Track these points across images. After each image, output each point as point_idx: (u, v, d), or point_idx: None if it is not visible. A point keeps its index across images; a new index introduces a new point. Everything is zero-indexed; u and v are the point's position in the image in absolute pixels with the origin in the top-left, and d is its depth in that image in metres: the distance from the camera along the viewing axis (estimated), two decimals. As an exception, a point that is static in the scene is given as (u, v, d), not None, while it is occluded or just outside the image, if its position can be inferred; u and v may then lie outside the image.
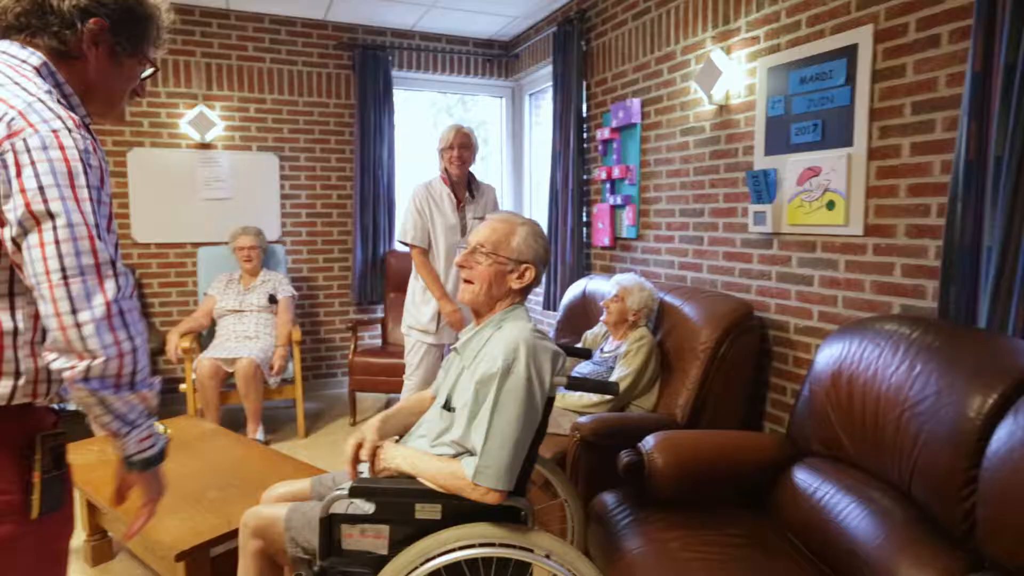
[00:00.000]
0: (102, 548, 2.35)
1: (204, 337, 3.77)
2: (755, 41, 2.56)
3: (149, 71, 1.13)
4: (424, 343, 2.98)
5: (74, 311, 0.86)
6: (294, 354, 3.64)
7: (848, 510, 1.57)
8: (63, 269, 0.85)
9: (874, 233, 2.12)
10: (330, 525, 1.39)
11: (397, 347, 4.12)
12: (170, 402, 4.11)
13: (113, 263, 0.91)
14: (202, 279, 3.94)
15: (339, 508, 1.41)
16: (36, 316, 0.94)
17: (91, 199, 0.89)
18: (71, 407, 1.24)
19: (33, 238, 0.85)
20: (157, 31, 1.10)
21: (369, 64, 4.28)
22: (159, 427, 1.16)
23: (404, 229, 2.99)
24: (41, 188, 0.85)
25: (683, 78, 2.99)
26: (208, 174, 4.14)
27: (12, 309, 0.93)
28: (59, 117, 0.89)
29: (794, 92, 2.36)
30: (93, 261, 0.88)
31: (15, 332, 0.93)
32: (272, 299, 3.71)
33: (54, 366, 0.89)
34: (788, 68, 2.38)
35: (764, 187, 2.47)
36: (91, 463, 2.25)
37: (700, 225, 2.93)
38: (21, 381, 0.94)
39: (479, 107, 6.47)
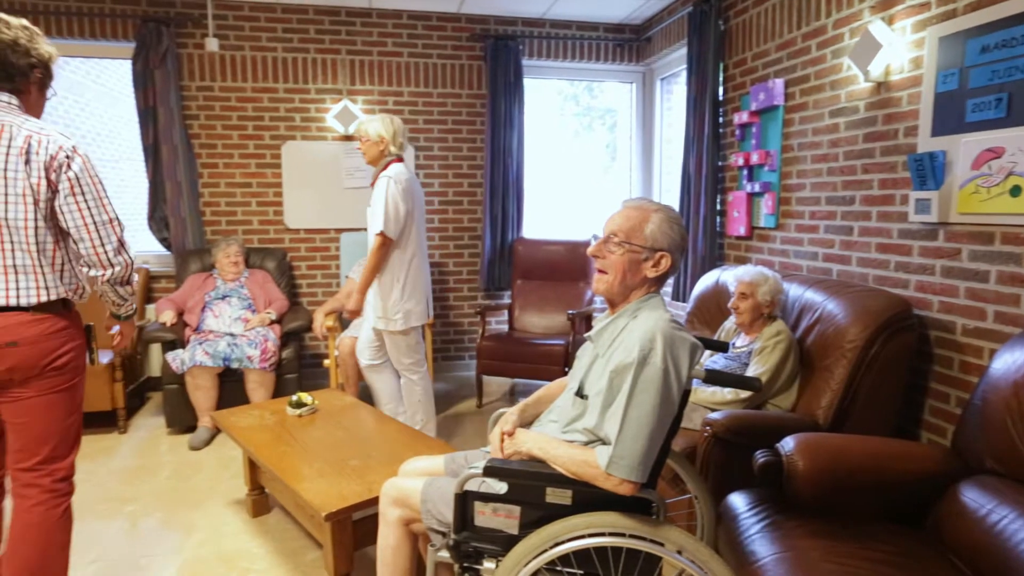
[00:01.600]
0: (260, 502, 2.61)
1: (345, 318, 4.05)
2: (924, 8, 2.30)
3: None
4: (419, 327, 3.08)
5: (102, 245, 1.69)
6: (426, 336, 3.82)
7: (1028, 536, 1.39)
8: (93, 221, 1.67)
9: (1070, 223, 1.84)
10: (464, 501, 1.45)
11: (524, 333, 4.19)
12: (315, 376, 4.48)
13: (117, 219, 1.72)
14: (344, 263, 4.23)
15: (472, 486, 1.46)
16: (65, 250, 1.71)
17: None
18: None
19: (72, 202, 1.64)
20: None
21: (500, 54, 4.35)
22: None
23: (393, 221, 2.84)
24: (78, 178, 1.64)
25: (834, 54, 2.76)
26: (351, 164, 4.42)
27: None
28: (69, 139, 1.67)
29: (972, 63, 2.10)
30: (106, 217, 1.69)
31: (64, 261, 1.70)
32: (406, 283, 3.91)
33: (91, 274, 1.72)
34: (966, 36, 2.12)
35: (929, 171, 2.23)
36: (252, 426, 2.50)
37: (850, 214, 2.70)
38: (72, 288, 1.73)
39: (605, 94, 6.38)
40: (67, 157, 1.61)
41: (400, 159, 2.99)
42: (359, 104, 4.38)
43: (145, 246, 4.36)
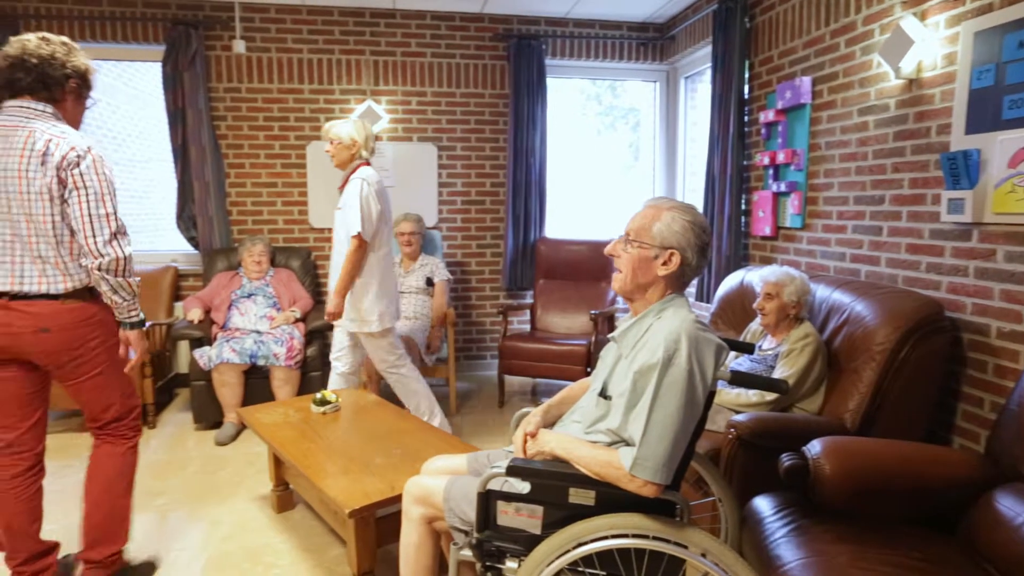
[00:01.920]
0: (285, 498, 2.65)
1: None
2: (959, 2, 2.24)
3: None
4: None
5: (94, 236, 1.78)
6: (448, 335, 3.83)
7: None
8: (89, 214, 1.78)
9: (1111, 224, 1.79)
10: (487, 500, 1.45)
11: (546, 332, 4.19)
12: (338, 373, 4.51)
13: (115, 215, 1.82)
14: (368, 262, 4.26)
15: (495, 485, 1.47)
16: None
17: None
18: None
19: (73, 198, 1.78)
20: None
21: (523, 53, 4.35)
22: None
23: (368, 222, 2.84)
24: (83, 174, 1.77)
25: (864, 51, 2.71)
26: (374, 164, 4.44)
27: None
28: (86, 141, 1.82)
29: (1009, 58, 2.04)
30: (104, 211, 1.79)
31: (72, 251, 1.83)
32: (429, 282, 3.93)
33: (84, 263, 1.81)
34: (1003, 31, 2.06)
35: (963, 170, 2.18)
36: (277, 422, 2.53)
37: (879, 214, 2.65)
38: (83, 275, 1.86)
39: (628, 93, 6.34)
40: (78, 157, 1.77)
41: (368, 163, 2.99)
42: (383, 104, 4.41)
43: (173, 245, 4.44)
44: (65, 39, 1.87)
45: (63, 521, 2.52)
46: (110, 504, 2.01)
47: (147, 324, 2.02)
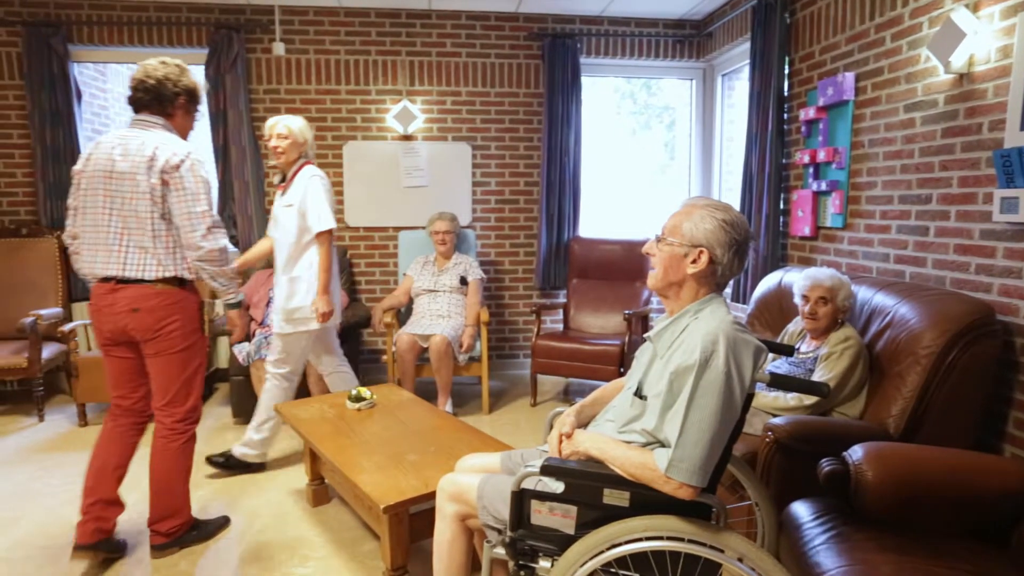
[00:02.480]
0: (320, 492, 2.69)
1: (403, 314, 4.13)
2: (1013, -5, 2.16)
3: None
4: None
5: (192, 231, 2.10)
6: (482, 334, 3.85)
7: None
8: (188, 212, 2.09)
9: None
10: (520, 499, 1.45)
11: (579, 332, 4.17)
12: (374, 371, 4.58)
13: (210, 211, 2.13)
14: (402, 260, 4.31)
15: (529, 484, 1.47)
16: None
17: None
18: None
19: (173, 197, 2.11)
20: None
21: (558, 52, 4.34)
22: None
23: (332, 215, 2.87)
24: (182, 177, 2.08)
25: (911, 45, 2.62)
26: (409, 163, 4.50)
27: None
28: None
29: (1067, 53, 1.96)
30: (200, 209, 2.10)
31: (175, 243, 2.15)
32: (463, 281, 3.95)
33: (187, 254, 2.13)
34: (1059, 24, 1.98)
35: (1018, 168, 2.09)
36: (313, 418, 2.58)
37: (925, 213, 2.57)
38: (185, 267, 2.17)
39: (664, 91, 6.28)
40: (180, 161, 2.08)
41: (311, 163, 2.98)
42: (418, 104, 4.45)
43: (215, 243, 4.55)
44: (179, 62, 2.21)
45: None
46: (169, 489, 2.29)
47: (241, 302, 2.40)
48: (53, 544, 2.39)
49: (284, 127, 2.89)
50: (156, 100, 2.15)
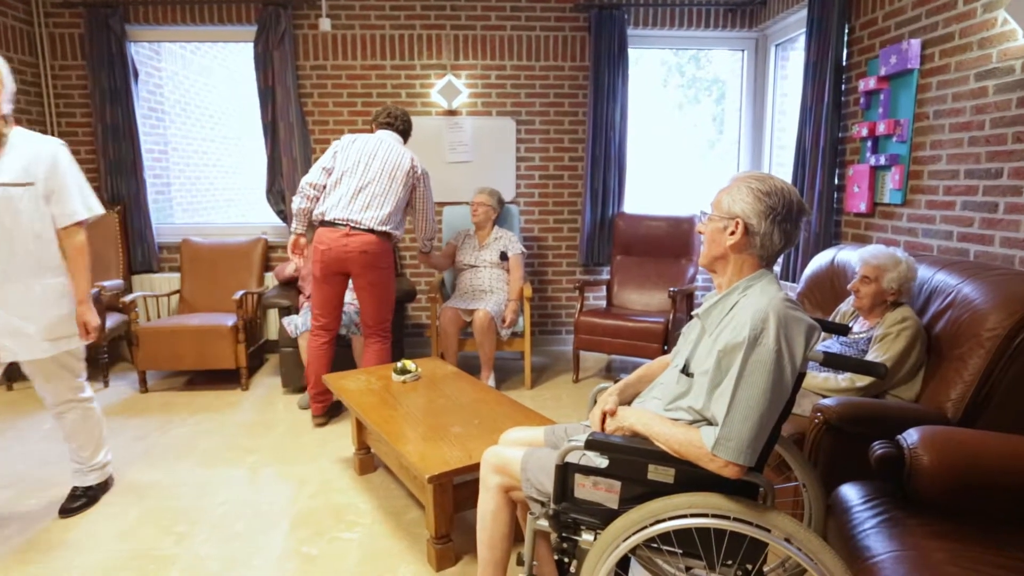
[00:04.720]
0: (367, 461, 2.77)
1: (446, 288, 4.17)
2: (1102, -48, 2.00)
3: None
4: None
5: (425, 219, 3.44)
6: (524, 309, 3.85)
7: None
8: (424, 208, 3.39)
9: None
10: (564, 473, 1.46)
11: (622, 309, 4.14)
12: (418, 344, 4.65)
13: (432, 208, 3.42)
14: (446, 235, 4.33)
15: (573, 458, 1.47)
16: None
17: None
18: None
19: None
20: None
21: (605, 24, 4.24)
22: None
23: (93, 203, 2.41)
24: (421, 181, 3.31)
25: (986, 8, 2.46)
26: (453, 139, 4.49)
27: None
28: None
29: None
30: (431, 206, 3.41)
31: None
32: (504, 256, 3.95)
33: (417, 235, 3.53)
34: None
35: (1099, 140, 1.96)
36: (360, 389, 2.64)
37: (995, 189, 2.43)
38: (396, 230, 3.25)
39: (712, 64, 6.07)
40: (423, 173, 3.27)
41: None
42: (462, 79, 4.42)
43: (263, 218, 4.67)
44: (405, 110, 3.39)
45: (165, 468, 2.74)
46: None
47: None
48: (116, 501, 2.53)
49: None
50: (404, 131, 3.39)
